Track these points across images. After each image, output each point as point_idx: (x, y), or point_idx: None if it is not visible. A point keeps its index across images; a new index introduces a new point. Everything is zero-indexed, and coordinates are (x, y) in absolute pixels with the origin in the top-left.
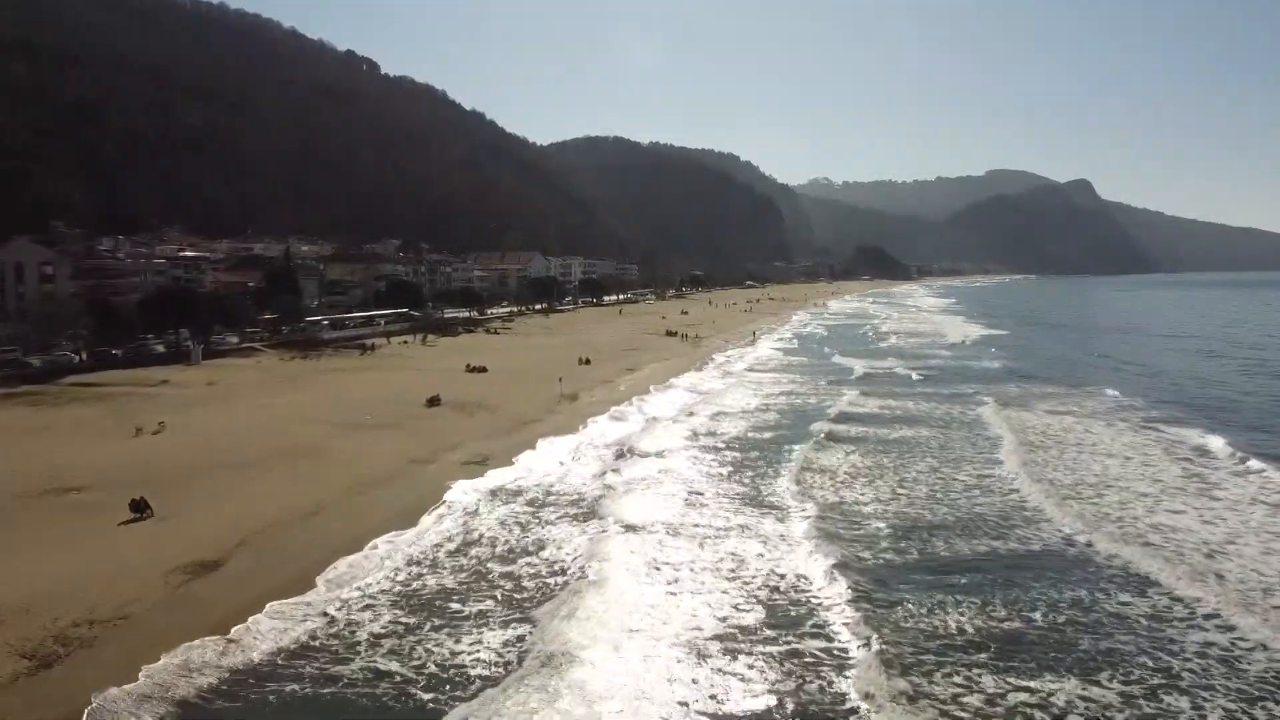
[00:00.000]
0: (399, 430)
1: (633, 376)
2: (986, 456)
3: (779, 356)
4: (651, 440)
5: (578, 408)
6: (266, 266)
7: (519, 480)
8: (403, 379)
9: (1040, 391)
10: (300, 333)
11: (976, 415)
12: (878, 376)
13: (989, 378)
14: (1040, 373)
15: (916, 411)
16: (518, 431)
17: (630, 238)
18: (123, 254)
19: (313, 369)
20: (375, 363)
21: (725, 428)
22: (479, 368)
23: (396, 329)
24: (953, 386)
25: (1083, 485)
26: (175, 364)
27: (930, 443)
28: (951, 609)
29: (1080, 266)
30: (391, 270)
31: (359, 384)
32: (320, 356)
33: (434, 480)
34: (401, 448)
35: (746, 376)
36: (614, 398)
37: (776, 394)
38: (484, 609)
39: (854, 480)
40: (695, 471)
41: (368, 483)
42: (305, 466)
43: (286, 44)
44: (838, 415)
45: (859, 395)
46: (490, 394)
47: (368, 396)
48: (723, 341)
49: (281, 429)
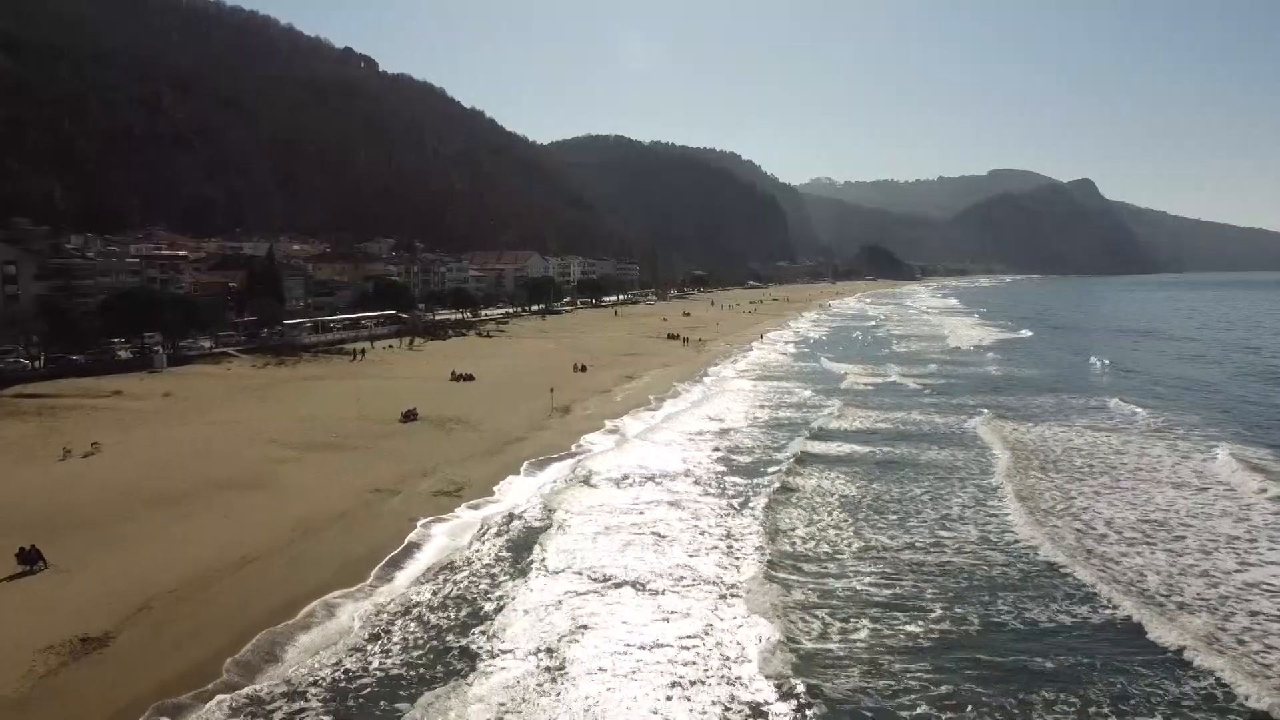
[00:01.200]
0: (366, 452)
1: (631, 386)
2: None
3: (788, 363)
4: (645, 462)
5: (570, 423)
6: (249, 266)
7: (494, 516)
8: (381, 389)
9: (1072, 405)
10: (279, 337)
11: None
12: (906, 390)
13: (1021, 387)
14: (1067, 386)
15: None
16: (500, 453)
17: (631, 237)
18: (92, 253)
19: (286, 377)
20: (354, 370)
21: (731, 447)
22: (465, 376)
23: (383, 332)
24: (980, 397)
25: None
26: (138, 371)
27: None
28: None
29: (1084, 267)
30: (383, 270)
31: (332, 395)
32: (297, 363)
33: (397, 517)
34: (365, 474)
35: (755, 389)
36: (610, 410)
37: (786, 407)
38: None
39: (856, 525)
40: (688, 508)
41: (317, 522)
42: (248, 500)
43: (283, 41)
44: (849, 433)
45: (879, 413)
46: (474, 407)
47: (339, 410)
48: (727, 346)
49: (233, 451)
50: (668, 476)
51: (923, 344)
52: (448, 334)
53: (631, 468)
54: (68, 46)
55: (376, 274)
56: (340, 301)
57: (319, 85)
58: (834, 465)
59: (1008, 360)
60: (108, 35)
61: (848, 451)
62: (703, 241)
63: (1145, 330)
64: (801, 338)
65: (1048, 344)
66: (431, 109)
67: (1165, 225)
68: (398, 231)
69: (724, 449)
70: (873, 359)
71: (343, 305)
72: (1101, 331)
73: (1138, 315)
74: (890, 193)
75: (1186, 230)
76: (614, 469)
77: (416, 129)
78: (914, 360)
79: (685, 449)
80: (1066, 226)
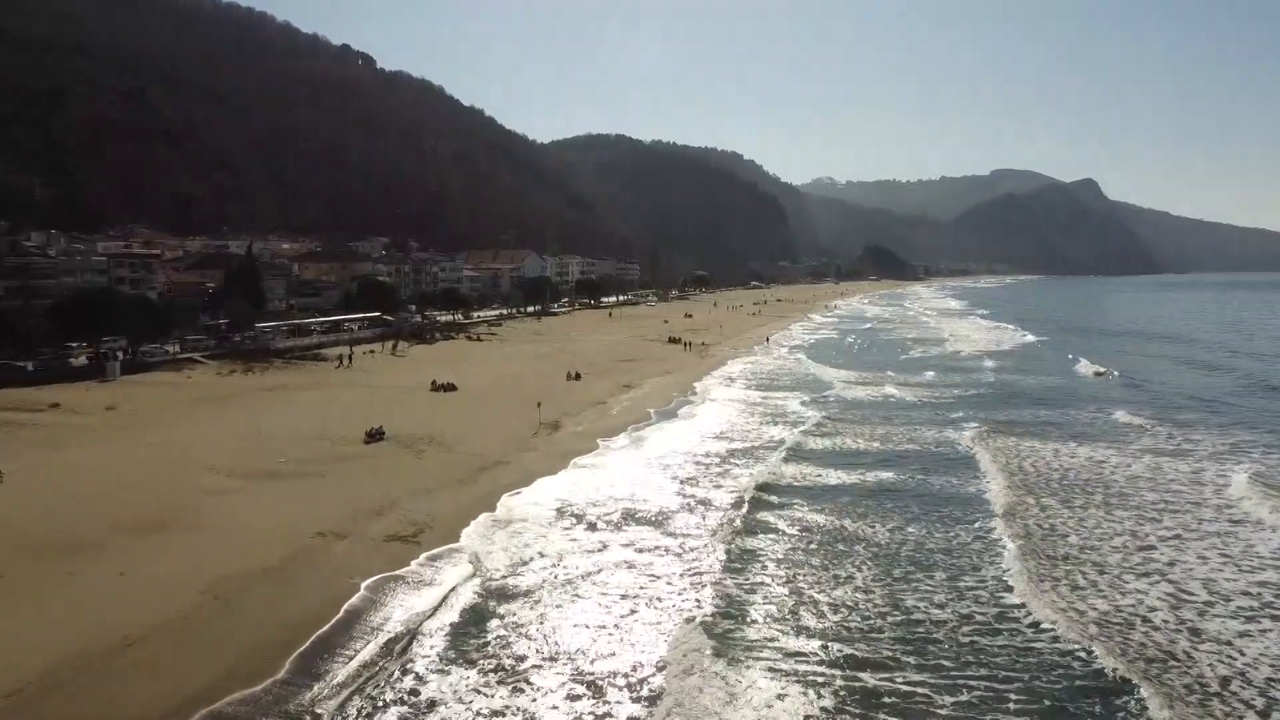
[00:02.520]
0: (317, 482)
1: (629, 397)
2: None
3: (798, 371)
4: (635, 496)
5: (558, 442)
6: (228, 265)
7: (457, 575)
8: (351, 400)
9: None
10: (251, 341)
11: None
12: (940, 405)
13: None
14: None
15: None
16: (474, 481)
17: (632, 237)
18: (54, 251)
19: (250, 387)
20: (326, 379)
21: (741, 477)
22: (447, 385)
23: (366, 336)
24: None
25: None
26: (90, 380)
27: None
28: None
29: (1088, 267)
30: (372, 269)
31: (296, 408)
32: (267, 369)
33: (336, 573)
34: (311, 510)
35: (765, 401)
36: (603, 426)
37: (798, 423)
38: None
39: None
40: (667, 562)
41: (237, 580)
42: (161, 548)
43: (279, 38)
44: (881, 458)
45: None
46: (452, 422)
47: (298, 426)
48: (731, 351)
49: (162, 480)
50: (656, 519)
51: (937, 349)
52: (435, 337)
53: (616, 504)
54: (53, 39)
55: (364, 274)
56: (326, 302)
57: (314, 81)
58: (860, 500)
59: (1025, 369)
60: (97, 30)
61: (873, 482)
62: (704, 241)
63: (1164, 335)
64: (809, 342)
65: (1063, 350)
66: (430, 107)
67: (1168, 226)
68: (393, 230)
69: (732, 478)
70: (892, 368)
71: (329, 306)
72: (1120, 337)
73: (1153, 318)
74: (892, 192)
75: (1189, 231)
76: (596, 503)
77: (414, 127)
78: (932, 368)
79: (683, 476)
80: (1069, 227)
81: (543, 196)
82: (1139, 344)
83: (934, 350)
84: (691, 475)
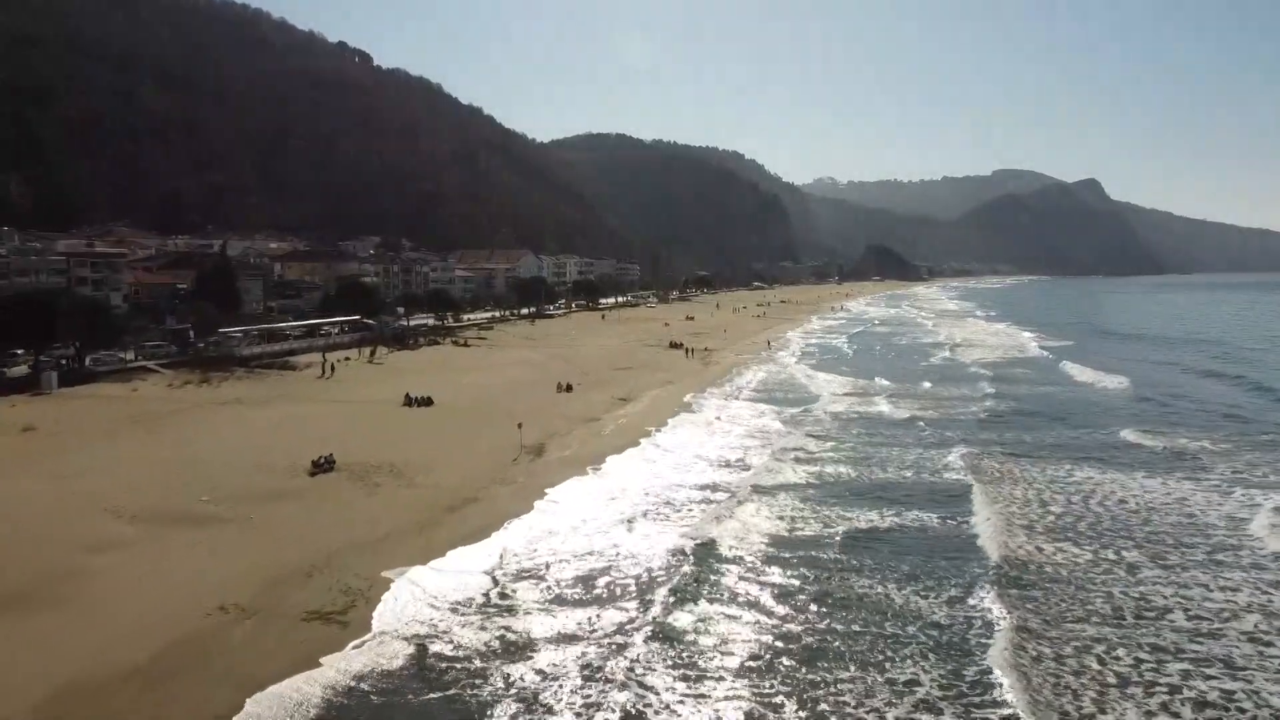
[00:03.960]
0: (240, 527)
1: (625, 413)
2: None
3: (809, 384)
4: (618, 550)
5: (540, 470)
6: (200, 265)
7: (388, 684)
8: (310, 418)
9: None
10: (215, 347)
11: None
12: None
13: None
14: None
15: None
16: (434, 526)
17: (632, 237)
18: (5, 250)
19: (202, 400)
20: (291, 390)
21: (760, 524)
22: (422, 400)
23: (344, 341)
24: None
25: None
26: (23, 393)
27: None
28: None
29: (1091, 267)
30: (358, 269)
31: (244, 427)
32: (228, 380)
33: (222, 679)
34: (222, 569)
35: (779, 416)
36: (593, 450)
37: (806, 458)
38: None
39: None
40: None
41: (84, 694)
42: (2, 637)
43: (275, 36)
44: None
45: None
46: (421, 446)
47: (237, 452)
48: (736, 358)
49: (49, 527)
50: (592, 594)
51: (959, 358)
52: (419, 342)
53: (568, 566)
54: (44, 36)
55: (350, 274)
56: (308, 305)
57: (309, 78)
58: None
59: (1050, 382)
60: (90, 27)
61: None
62: (706, 241)
63: (1194, 339)
64: (820, 348)
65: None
66: (427, 105)
67: (1171, 226)
68: (387, 230)
69: (717, 522)
70: (914, 379)
71: (310, 309)
72: (1153, 341)
73: (1177, 320)
74: (894, 193)
75: (1192, 231)
76: (549, 563)
77: (411, 125)
78: (959, 380)
79: (675, 516)
80: (1072, 227)
81: (541, 196)
82: (1175, 351)
83: (957, 359)
84: (674, 511)
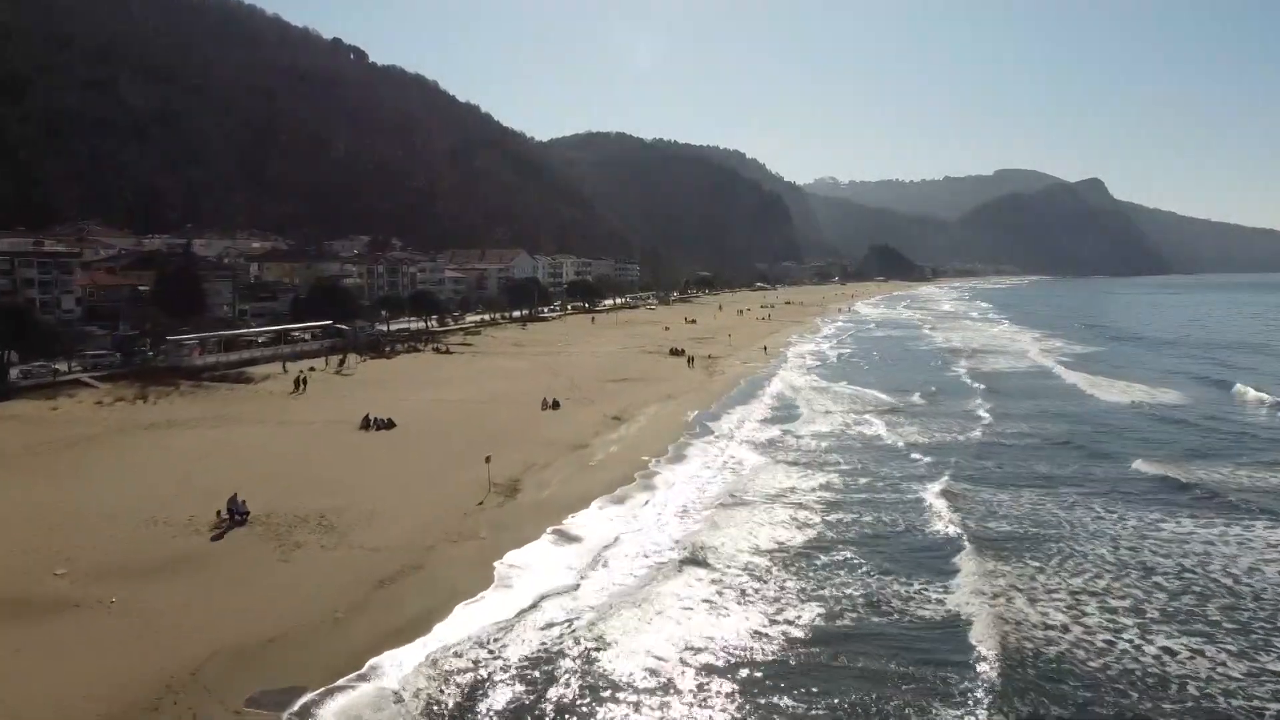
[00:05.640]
0: (92, 619)
1: (619, 435)
2: None
3: (826, 399)
4: (606, 658)
5: (509, 519)
6: (162, 266)
7: None
8: (243, 446)
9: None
10: (164, 357)
11: None
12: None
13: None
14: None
15: None
16: (356, 614)
17: (632, 237)
18: None
19: (127, 422)
20: (237, 409)
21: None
22: (382, 422)
23: (313, 349)
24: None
25: None
26: None
27: None
28: None
29: (1095, 267)
30: (340, 270)
31: (161, 457)
32: (169, 395)
33: None
34: (38, 692)
35: (803, 450)
36: (578, 491)
37: (846, 498)
38: None
39: None
40: None
41: None
42: None
43: (268, 31)
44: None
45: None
46: (366, 484)
47: (137, 495)
48: (743, 366)
49: None
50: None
51: (982, 366)
52: (396, 350)
53: (560, 690)
54: (20, 26)
55: (332, 275)
56: (283, 307)
57: (299, 74)
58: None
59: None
60: (73, 19)
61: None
62: (707, 241)
63: (1233, 344)
64: (836, 356)
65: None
66: (422, 102)
67: (1175, 226)
68: (377, 229)
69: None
70: (947, 393)
71: (285, 312)
72: (1189, 348)
73: (1194, 321)
74: (896, 192)
75: (1196, 231)
76: (526, 672)
77: (405, 122)
78: (988, 395)
79: (670, 611)
80: (1076, 227)
81: (539, 194)
82: (1217, 355)
83: (981, 367)
84: (671, 610)
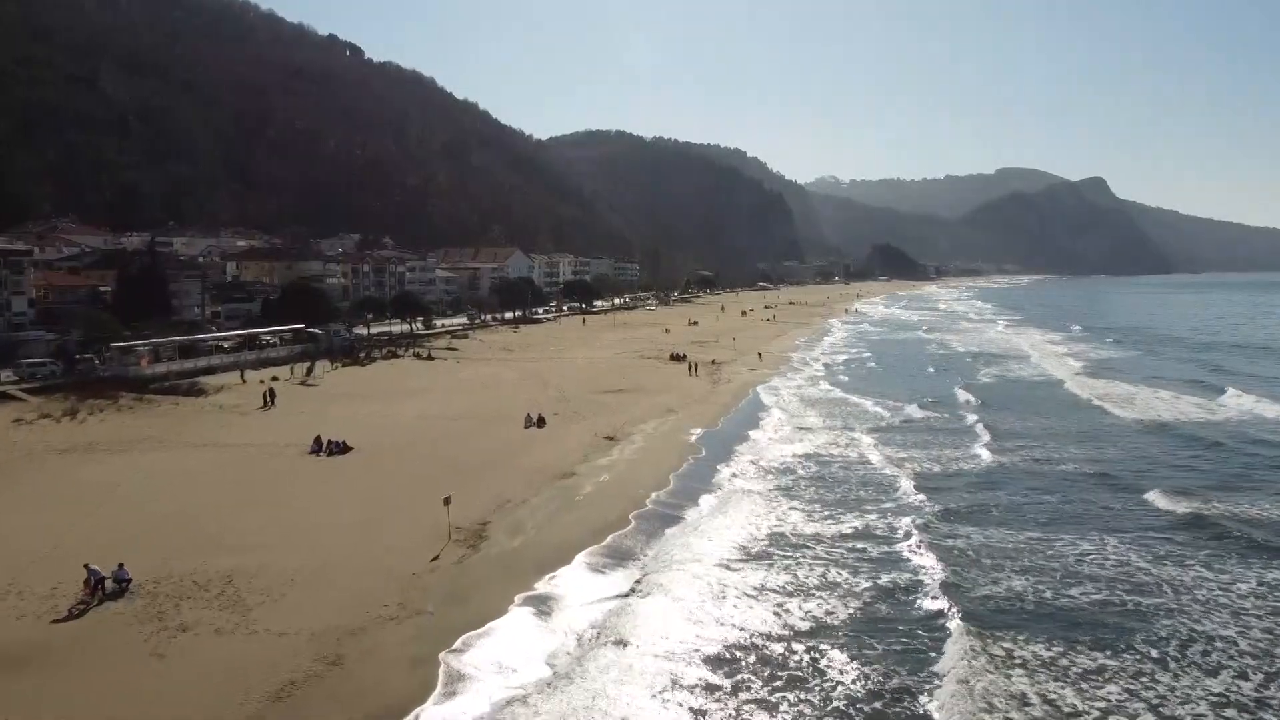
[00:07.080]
0: None
1: (611, 460)
2: None
3: (840, 406)
4: None
5: (467, 582)
6: (124, 266)
7: None
8: (163, 476)
9: None
10: (110, 365)
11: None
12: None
13: None
14: None
15: None
16: None
17: (632, 236)
18: None
19: (46, 444)
20: (170, 428)
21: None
22: (337, 446)
23: (281, 355)
24: None
25: None
26: None
27: None
28: None
29: (1098, 266)
30: (323, 269)
31: (57, 497)
32: (107, 409)
33: None
34: None
35: (825, 480)
36: (556, 539)
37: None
38: None
39: None
40: None
41: None
42: None
43: (261, 27)
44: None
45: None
46: (297, 531)
47: (8, 552)
48: (750, 372)
49: None
50: None
51: (1009, 373)
52: (372, 356)
53: None
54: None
55: (313, 274)
56: (259, 309)
57: (290, 69)
58: None
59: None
60: (57, 13)
61: None
62: (708, 240)
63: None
64: (848, 360)
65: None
66: (419, 99)
67: (1178, 225)
68: (369, 227)
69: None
70: (970, 406)
71: (260, 315)
72: (1227, 351)
73: (1218, 319)
74: (897, 191)
75: (1200, 230)
76: None
77: (400, 119)
78: (1021, 407)
79: None
80: (1078, 226)
81: (538, 193)
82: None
83: (1008, 374)
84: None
